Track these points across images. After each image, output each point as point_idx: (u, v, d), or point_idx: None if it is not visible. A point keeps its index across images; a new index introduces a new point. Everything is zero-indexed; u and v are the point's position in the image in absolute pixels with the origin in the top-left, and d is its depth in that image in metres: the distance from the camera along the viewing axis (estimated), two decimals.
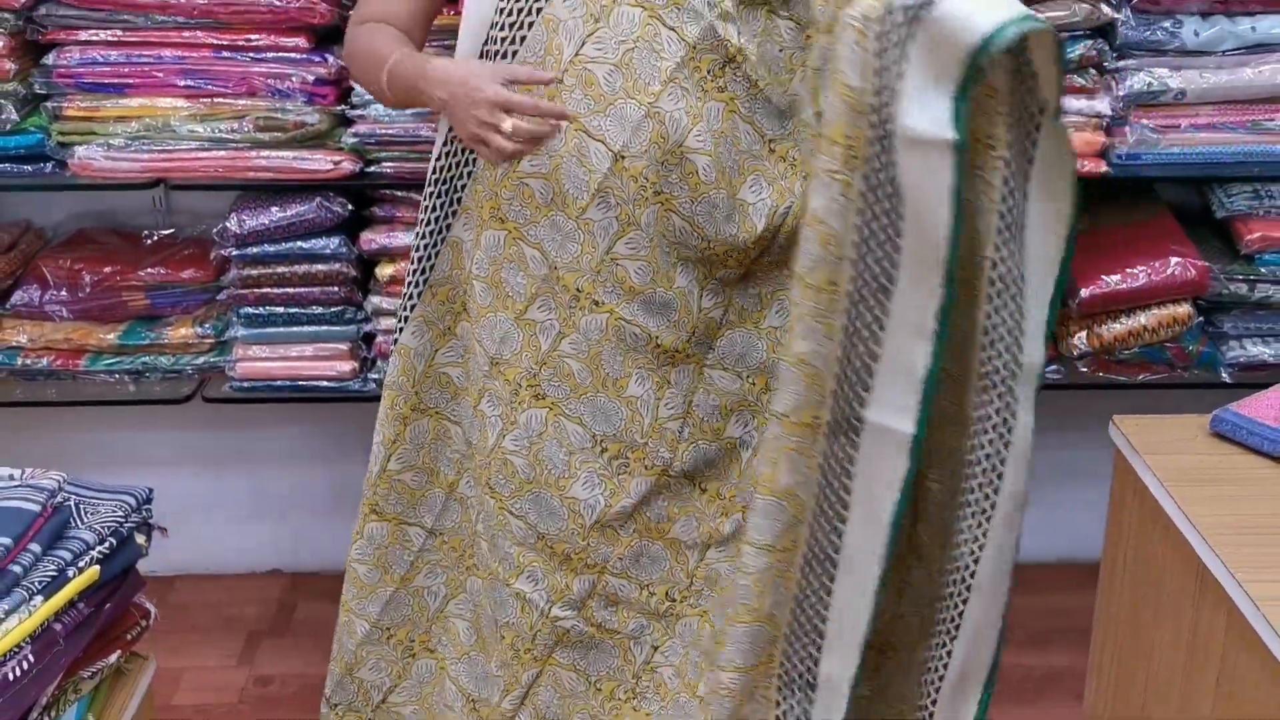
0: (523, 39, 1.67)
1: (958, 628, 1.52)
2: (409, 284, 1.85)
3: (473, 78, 1.58)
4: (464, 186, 1.79)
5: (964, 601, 1.50)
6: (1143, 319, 2.43)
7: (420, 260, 1.84)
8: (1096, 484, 2.83)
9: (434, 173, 1.80)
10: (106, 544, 1.69)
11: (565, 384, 1.76)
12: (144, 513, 1.79)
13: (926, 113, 1.34)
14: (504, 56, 1.68)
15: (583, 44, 1.63)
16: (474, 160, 1.77)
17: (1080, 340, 2.46)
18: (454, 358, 1.87)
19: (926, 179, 1.36)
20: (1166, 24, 2.30)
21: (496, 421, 1.79)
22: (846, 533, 1.49)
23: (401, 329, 1.87)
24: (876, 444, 1.46)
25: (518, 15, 1.66)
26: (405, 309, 1.86)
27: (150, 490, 1.80)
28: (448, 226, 1.82)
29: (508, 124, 1.54)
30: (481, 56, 1.69)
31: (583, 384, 1.74)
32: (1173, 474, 1.64)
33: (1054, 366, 2.51)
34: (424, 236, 1.83)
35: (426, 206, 1.81)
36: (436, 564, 1.96)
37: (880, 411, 1.45)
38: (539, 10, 1.64)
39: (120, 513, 1.74)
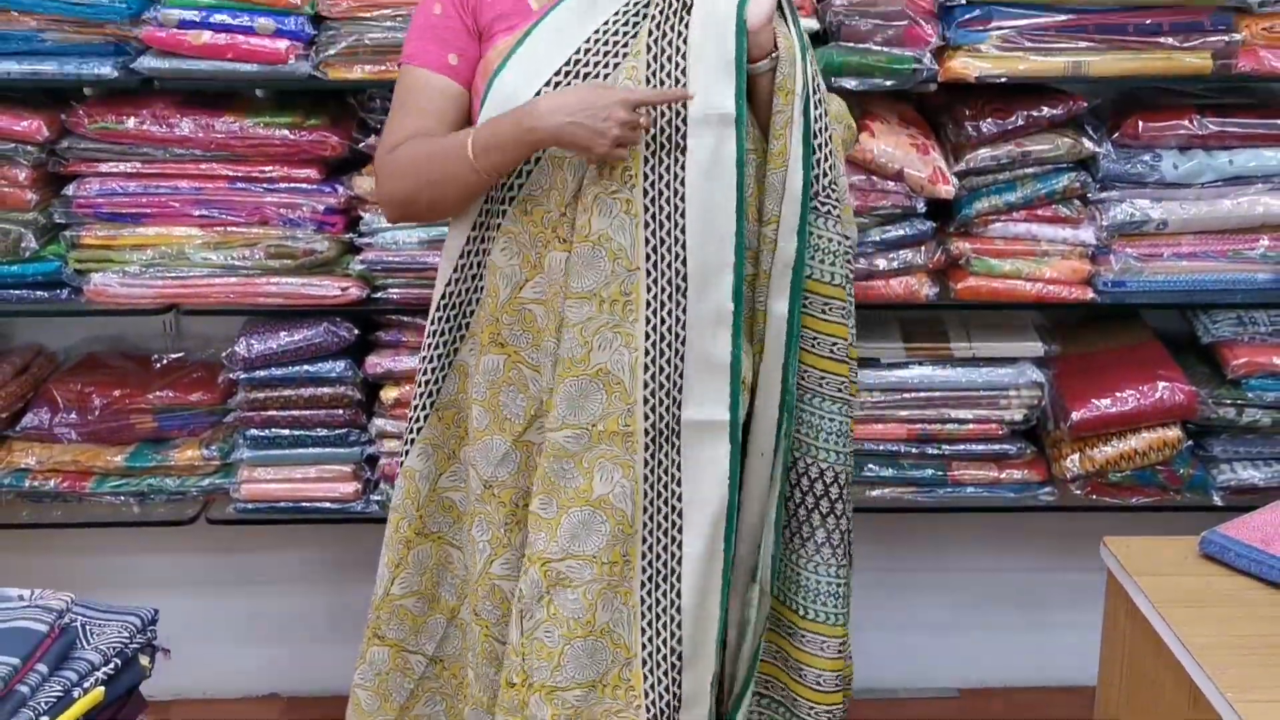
0: (528, 172, 1.75)
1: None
2: (416, 406, 1.87)
3: (592, 93, 1.63)
4: (472, 312, 1.83)
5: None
6: (1133, 442, 2.47)
7: (427, 384, 1.86)
8: (1090, 607, 2.84)
9: (442, 297, 1.83)
10: (111, 665, 1.70)
11: None
12: (149, 634, 1.80)
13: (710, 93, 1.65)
14: (510, 189, 1.75)
15: (584, 171, 1.71)
16: (481, 286, 1.81)
17: (1073, 463, 2.49)
18: (457, 481, 1.89)
19: (712, 157, 1.64)
20: (1146, 157, 2.38)
21: (485, 547, 1.81)
22: (686, 541, 1.70)
23: (408, 451, 1.89)
24: (698, 441, 1.69)
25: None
26: (412, 432, 1.88)
27: (155, 611, 1.81)
28: (455, 350, 1.85)
29: (646, 119, 1.63)
30: (488, 194, 1.78)
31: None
32: (1164, 595, 1.66)
33: (1048, 489, 2.54)
34: (431, 360, 1.85)
35: (434, 331, 1.84)
36: (436, 691, 1.96)
37: (698, 408, 1.68)
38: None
39: (126, 633, 1.75)
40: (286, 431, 2.49)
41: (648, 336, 1.70)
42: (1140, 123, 2.37)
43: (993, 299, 2.42)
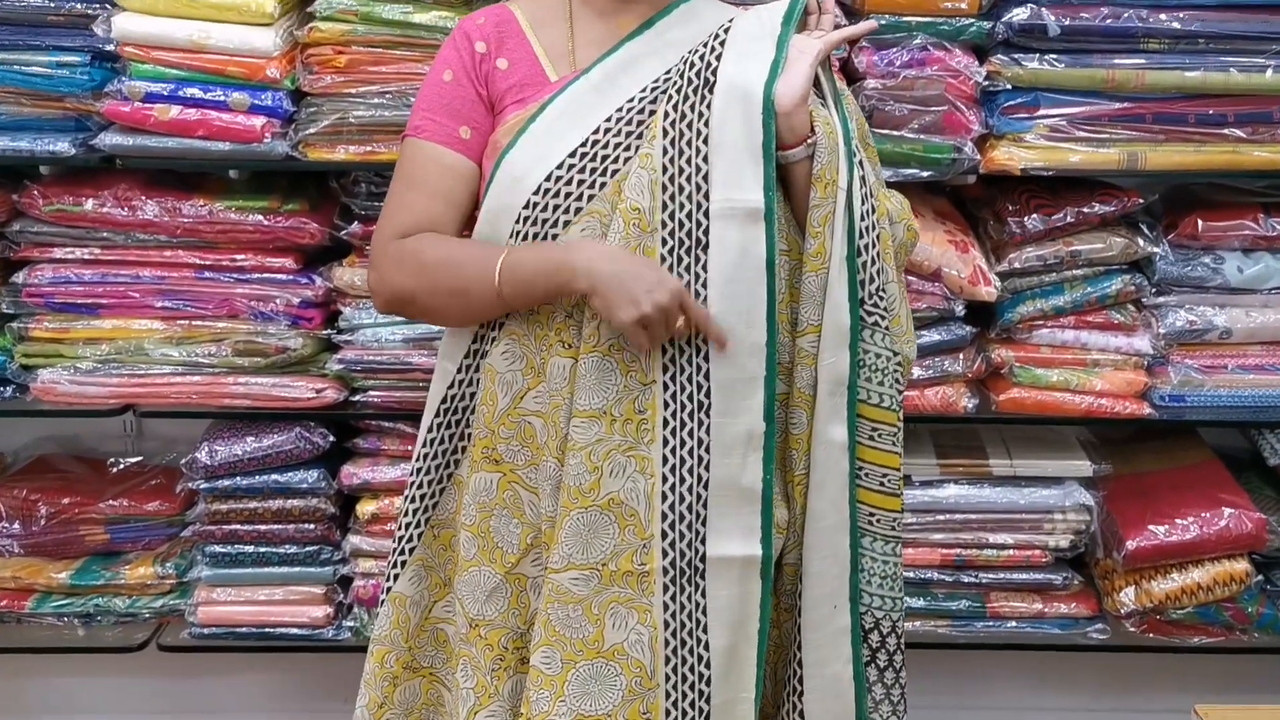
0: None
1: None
2: (405, 524, 1.63)
3: (650, 266, 1.46)
4: (474, 421, 1.61)
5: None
6: (1196, 575, 2.23)
7: (422, 498, 1.63)
8: None
9: (443, 401, 1.61)
10: None
11: None
12: None
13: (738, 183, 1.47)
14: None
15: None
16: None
17: (1128, 597, 2.25)
18: (451, 613, 1.64)
19: (738, 258, 1.46)
20: (1207, 259, 2.18)
21: (469, 695, 1.57)
22: (715, 693, 1.50)
23: (396, 575, 1.64)
24: (725, 580, 1.48)
25: (532, 240, 1.53)
26: (402, 552, 1.63)
27: None
28: (455, 462, 1.62)
29: (681, 321, 1.44)
30: None
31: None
32: None
33: (1099, 625, 2.30)
34: (427, 471, 1.62)
35: (431, 439, 1.61)
36: None
37: (724, 543, 1.49)
38: (554, 236, 1.52)
39: None
40: (251, 548, 2.27)
41: (665, 460, 1.48)
42: (1200, 221, 2.17)
43: (1038, 412, 2.20)
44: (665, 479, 1.47)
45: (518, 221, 1.51)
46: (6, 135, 2.10)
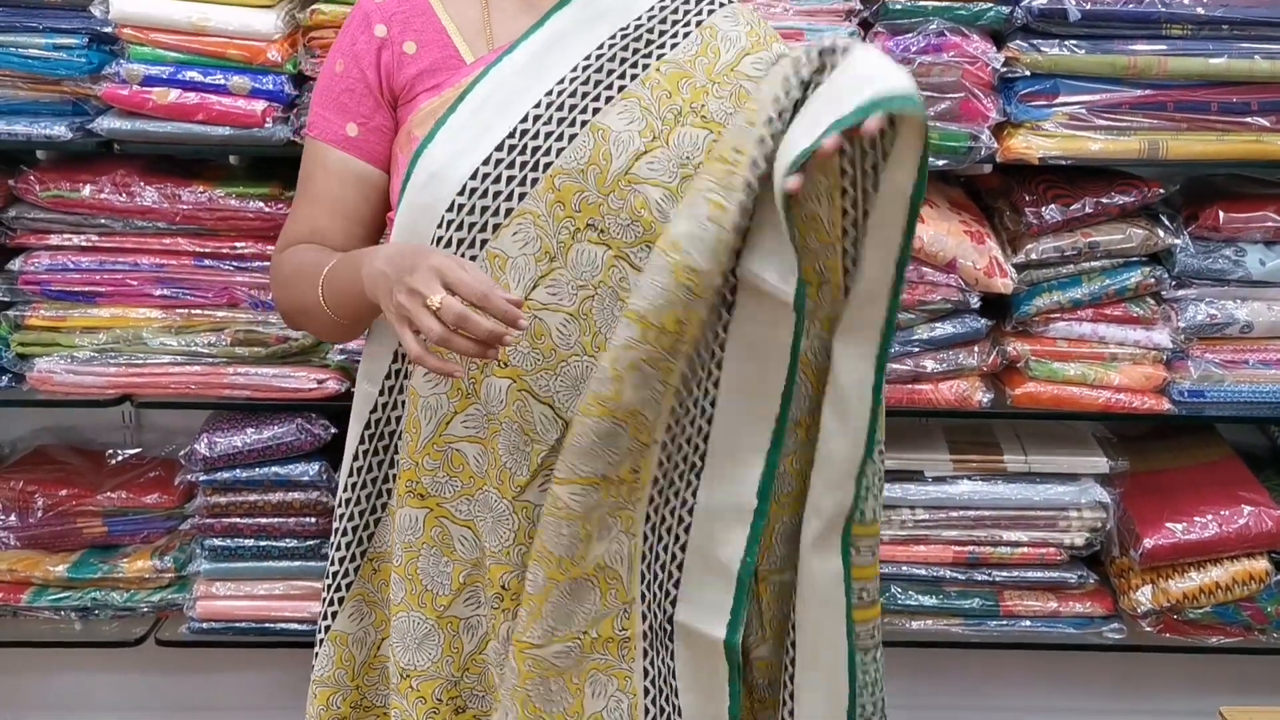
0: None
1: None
2: (339, 558, 1.51)
3: (419, 252, 1.27)
4: (400, 449, 1.48)
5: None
6: (1215, 574, 2.19)
7: (355, 530, 1.50)
8: None
9: (367, 426, 1.47)
10: None
11: (490, 696, 1.46)
12: None
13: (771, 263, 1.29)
14: None
15: (534, 286, 1.36)
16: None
17: (1144, 596, 2.20)
18: None
19: (764, 335, 1.32)
20: (1228, 252, 2.13)
21: None
22: None
23: (335, 612, 1.52)
24: (692, 649, 1.41)
25: (458, 246, 1.35)
26: (337, 589, 1.51)
27: None
28: (388, 491, 1.49)
29: (436, 297, 1.21)
30: None
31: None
32: None
33: (1114, 624, 2.25)
34: (356, 503, 1.49)
35: (358, 467, 1.49)
36: None
37: (693, 612, 1.40)
38: (484, 242, 1.36)
39: None
40: (250, 542, 2.22)
41: (648, 519, 1.38)
42: (1221, 213, 2.12)
43: (1054, 407, 2.15)
44: (645, 538, 1.38)
45: (440, 226, 1.35)
46: (2, 119, 2.06)
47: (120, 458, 2.38)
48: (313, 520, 2.22)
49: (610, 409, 1.31)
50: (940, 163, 2.03)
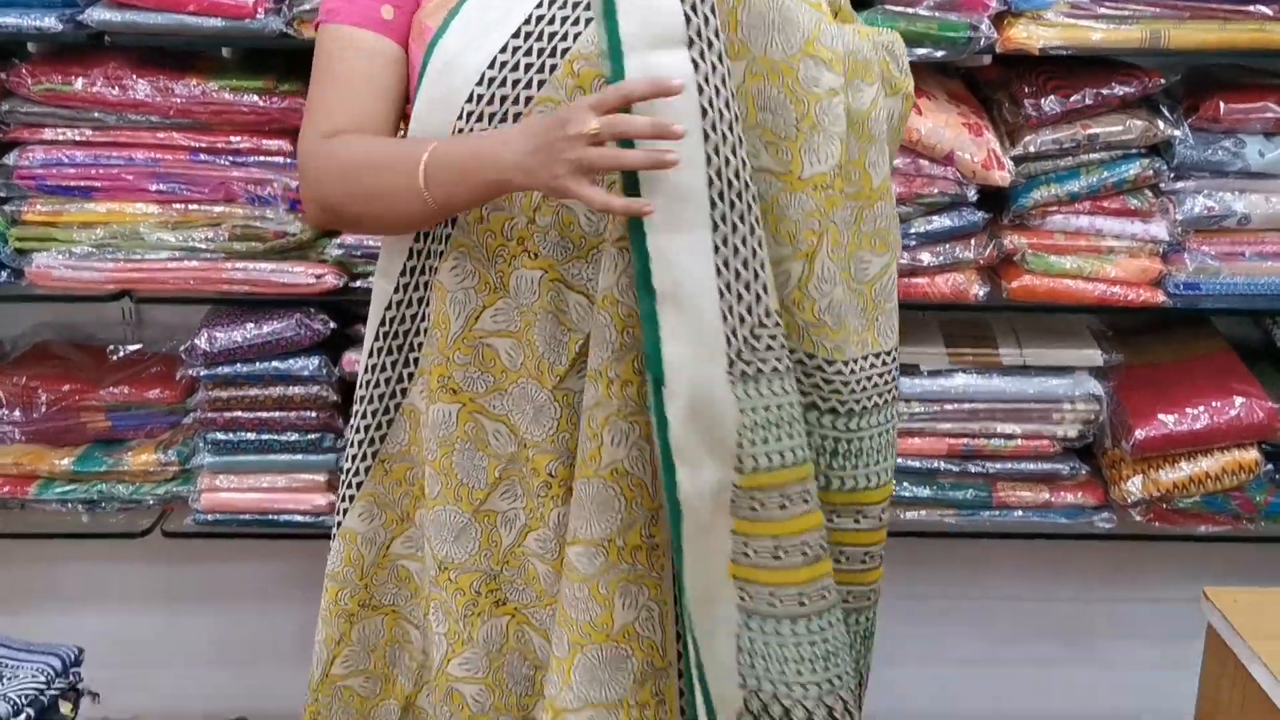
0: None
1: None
2: (352, 455, 1.53)
3: (554, 117, 1.25)
4: (420, 344, 1.48)
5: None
6: (1205, 465, 2.21)
7: (368, 429, 1.51)
8: (1139, 641, 2.62)
9: (381, 324, 1.47)
10: (23, 716, 1.45)
11: (531, 589, 1.48)
12: (71, 676, 1.55)
13: None
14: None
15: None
16: (427, 314, 1.46)
17: (1134, 486, 2.23)
18: (413, 549, 1.56)
19: None
20: (1228, 143, 2.12)
21: (442, 641, 1.49)
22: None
23: (345, 510, 1.54)
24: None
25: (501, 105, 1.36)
26: (349, 486, 1.54)
27: (80, 651, 1.56)
28: (402, 390, 1.49)
29: (592, 123, 1.21)
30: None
31: (550, 589, 1.46)
32: None
33: (1105, 514, 2.29)
34: (370, 401, 1.50)
35: (372, 365, 1.49)
36: None
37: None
38: (528, 99, 1.35)
39: (42, 678, 1.50)
40: (253, 435, 2.25)
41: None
42: (1221, 104, 2.10)
43: (1050, 300, 2.16)
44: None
45: (460, 117, 1.34)
46: None
47: (121, 353, 2.39)
48: (313, 414, 2.24)
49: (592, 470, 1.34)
50: (939, 54, 2.01)
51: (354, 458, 1.53)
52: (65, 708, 1.53)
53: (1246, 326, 2.42)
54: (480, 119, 1.34)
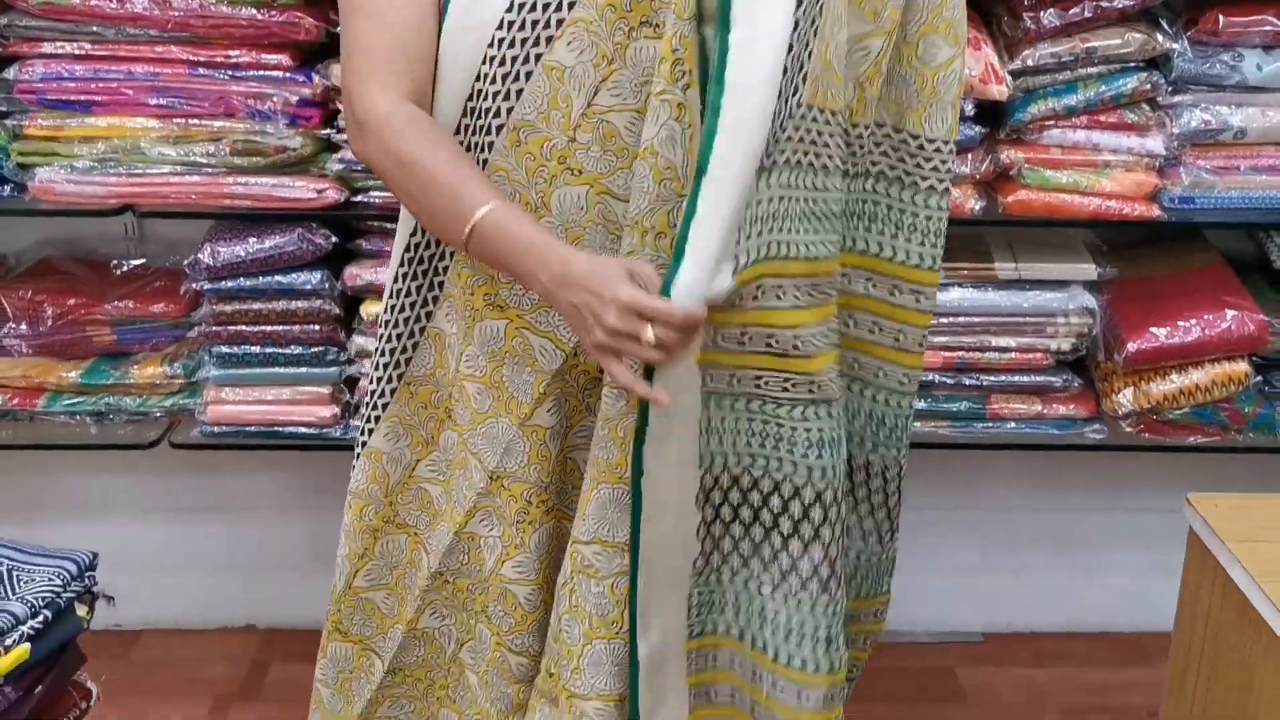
0: (519, 92, 1.37)
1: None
2: (377, 378, 1.55)
3: (603, 276, 1.29)
4: (446, 268, 1.49)
5: None
6: (1195, 377, 2.24)
7: (393, 352, 1.53)
8: (1128, 551, 2.67)
9: (407, 250, 1.49)
10: (40, 618, 1.49)
11: (576, 491, 1.51)
12: (86, 580, 1.59)
13: None
14: (495, 115, 1.38)
15: (595, 92, 1.36)
16: None
17: (1125, 398, 2.27)
18: (436, 473, 1.58)
19: None
20: (1226, 57, 2.12)
21: (496, 544, 1.53)
22: None
23: (370, 430, 1.57)
24: None
25: (511, 64, 1.35)
26: (374, 407, 1.56)
27: (94, 555, 1.60)
28: (428, 314, 1.51)
29: (649, 332, 1.26)
30: (466, 114, 1.39)
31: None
32: (1265, 565, 1.42)
33: (1096, 425, 2.32)
34: (396, 325, 1.52)
35: (398, 290, 1.51)
36: (401, 696, 1.70)
37: None
38: (538, 57, 1.35)
39: (59, 581, 1.54)
40: (257, 349, 2.27)
41: None
42: (1220, 17, 2.10)
43: (1045, 214, 2.17)
44: None
45: (491, 45, 1.34)
46: None
47: (125, 268, 2.41)
48: (316, 328, 2.26)
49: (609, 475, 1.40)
50: None
51: (379, 380, 1.54)
52: (81, 610, 1.57)
53: (1240, 240, 2.44)
54: (513, 45, 1.34)
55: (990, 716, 2.54)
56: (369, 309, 2.26)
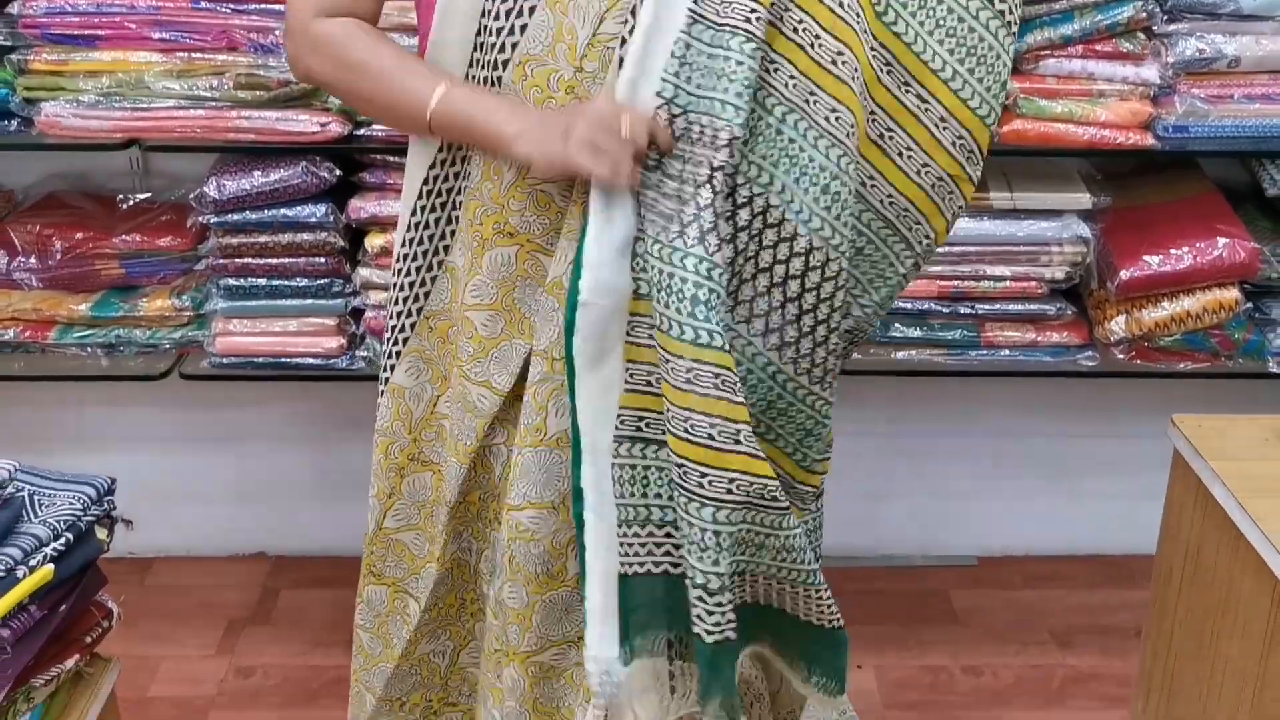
0: (523, 27, 1.37)
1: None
2: (396, 313, 1.55)
3: (572, 106, 1.34)
4: (461, 203, 1.49)
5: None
6: (1186, 304, 2.28)
7: (412, 285, 1.54)
8: (1119, 476, 2.72)
9: (425, 183, 1.49)
10: (62, 540, 1.54)
11: None
12: (106, 504, 1.63)
13: None
14: (501, 50, 1.38)
15: (600, 21, 1.36)
16: (470, 172, 1.46)
17: (1118, 325, 2.30)
18: (451, 408, 1.58)
19: None
20: None
21: (501, 450, 1.55)
22: None
23: (392, 366, 1.57)
24: None
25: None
26: (395, 343, 1.56)
27: (113, 480, 1.64)
28: (445, 248, 1.51)
29: (627, 123, 1.29)
30: (475, 49, 1.39)
31: None
32: (1245, 483, 1.47)
33: (1088, 352, 2.36)
34: (414, 258, 1.52)
35: (416, 223, 1.50)
36: (438, 627, 1.71)
37: None
38: None
39: (79, 505, 1.58)
40: (263, 281, 2.30)
41: None
42: None
43: (1041, 144, 2.19)
44: None
45: (484, 15, 1.37)
46: None
47: (131, 202, 2.43)
48: (322, 260, 2.29)
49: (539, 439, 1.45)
50: None
51: (398, 315, 1.55)
52: (101, 534, 1.62)
53: (1234, 169, 2.46)
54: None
55: (983, 637, 2.61)
56: (373, 241, 2.29)
